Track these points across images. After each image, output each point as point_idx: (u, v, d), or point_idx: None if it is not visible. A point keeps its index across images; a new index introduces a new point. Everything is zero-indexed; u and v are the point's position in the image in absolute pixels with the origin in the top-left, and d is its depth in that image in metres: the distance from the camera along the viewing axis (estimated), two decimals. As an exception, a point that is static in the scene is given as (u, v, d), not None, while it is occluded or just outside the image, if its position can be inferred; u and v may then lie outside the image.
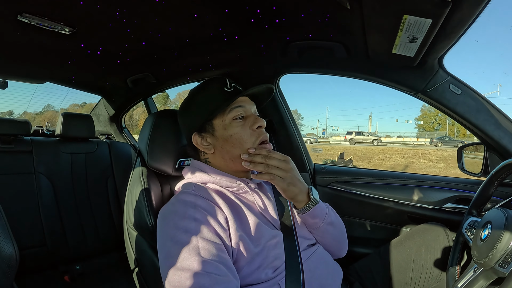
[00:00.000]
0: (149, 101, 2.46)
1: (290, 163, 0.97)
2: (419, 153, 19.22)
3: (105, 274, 2.11)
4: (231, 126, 0.99)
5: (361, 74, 1.41)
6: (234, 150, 0.99)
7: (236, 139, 0.99)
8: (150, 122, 1.23)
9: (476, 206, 1.12)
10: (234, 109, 1.00)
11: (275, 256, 0.93)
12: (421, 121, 53.75)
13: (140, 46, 1.37)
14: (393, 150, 20.50)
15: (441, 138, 32.72)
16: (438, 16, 0.79)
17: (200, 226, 0.84)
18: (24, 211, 2.00)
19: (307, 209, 1.00)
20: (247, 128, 1.00)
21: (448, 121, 45.42)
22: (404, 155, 17.57)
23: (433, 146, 29.45)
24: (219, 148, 1.02)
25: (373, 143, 30.46)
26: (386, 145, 29.71)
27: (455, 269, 1.07)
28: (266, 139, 1.02)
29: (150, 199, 1.14)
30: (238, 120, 1.00)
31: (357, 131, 33.45)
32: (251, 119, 1.01)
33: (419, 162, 15.34)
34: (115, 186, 2.39)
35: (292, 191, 0.97)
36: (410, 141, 36.64)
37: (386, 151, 19.96)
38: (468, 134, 34.19)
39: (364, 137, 31.74)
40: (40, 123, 32.38)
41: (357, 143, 30.17)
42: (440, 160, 16.08)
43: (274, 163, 0.94)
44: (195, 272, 0.74)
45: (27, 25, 1.10)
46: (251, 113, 1.04)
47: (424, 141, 34.23)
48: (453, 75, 1.22)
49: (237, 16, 1.10)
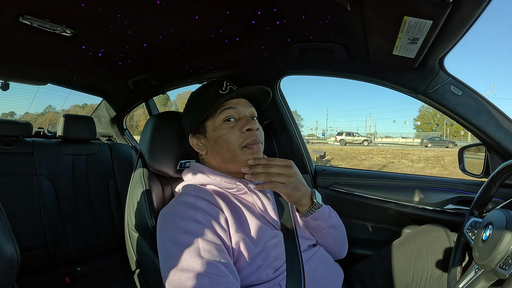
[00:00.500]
0: (150, 102, 2.45)
1: (293, 167, 0.96)
2: (404, 153, 19.32)
3: (106, 276, 2.11)
4: (220, 128, 1.00)
5: (362, 76, 1.41)
6: (223, 152, 1.00)
7: (223, 140, 0.99)
8: (151, 124, 1.24)
9: (477, 207, 1.12)
10: (224, 110, 1.00)
11: (275, 256, 0.93)
12: (418, 121, 53.98)
13: (141, 48, 1.37)
14: (378, 151, 20.57)
15: (431, 139, 32.98)
16: (439, 17, 0.79)
17: (200, 227, 0.84)
18: (25, 213, 2.00)
19: (310, 213, 1.00)
20: (236, 130, 0.99)
21: (447, 121, 45.65)
22: (387, 156, 17.64)
23: (423, 146, 29.72)
24: (210, 149, 1.04)
25: (363, 143, 30.75)
26: (376, 146, 29.97)
27: (456, 269, 1.07)
28: (254, 142, 1.00)
29: (151, 200, 1.14)
30: (228, 122, 1.00)
31: (348, 132, 33.76)
32: (242, 122, 1.01)
33: (399, 162, 15.39)
34: (116, 188, 2.40)
35: (296, 195, 0.96)
36: (403, 142, 36.93)
37: (371, 152, 20.03)
38: (469, 135, 34.30)
39: (354, 138, 32.00)
40: (41, 124, 32.42)
41: (347, 143, 30.47)
42: (421, 161, 16.13)
43: (276, 170, 0.93)
44: (196, 273, 0.74)
45: (28, 27, 1.11)
46: (244, 115, 1.02)
47: (419, 141, 34.46)
48: (454, 76, 1.22)
49: (238, 17, 1.11)
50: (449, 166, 13.78)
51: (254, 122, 1.02)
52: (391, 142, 38.31)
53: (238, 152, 0.99)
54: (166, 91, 2.12)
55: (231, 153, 0.99)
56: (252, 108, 1.06)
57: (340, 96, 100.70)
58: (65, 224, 2.12)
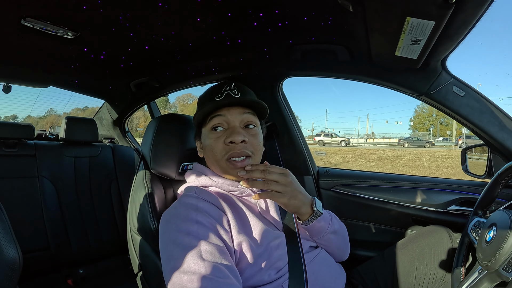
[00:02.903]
0: (152, 105, 2.46)
1: (290, 176, 0.93)
2: (369, 153, 19.46)
3: (108, 278, 2.10)
4: (208, 137, 0.99)
5: (364, 77, 1.41)
6: (210, 160, 1.02)
7: (209, 150, 0.99)
8: (154, 126, 1.24)
9: (481, 207, 1.11)
10: (212, 118, 0.98)
11: (277, 257, 0.93)
12: (412, 122, 54.32)
13: (143, 50, 1.37)
14: (343, 151, 20.75)
15: (408, 139, 33.72)
16: (441, 18, 0.79)
17: (202, 228, 0.84)
18: (27, 215, 2.00)
19: (311, 221, 0.98)
20: (221, 141, 0.96)
21: (443, 121, 45.81)
22: (346, 156, 17.63)
23: (401, 146, 30.44)
24: (206, 155, 1.04)
25: (340, 144, 31.41)
26: (351, 146, 30.58)
27: (460, 270, 1.06)
28: (236, 155, 0.95)
29: (154, 203, 1.14)
30: (214, 131, 0.98)
31: (326, 133, 34.53)
32: (227, 132, 0.96)
33: (354, 162, 15.37)
34: (119, 190, 2.40)
35: (294, 204, 0.93)
36: (386, 142, 37.46)
37: (336, 152, 20.15)
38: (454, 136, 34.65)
39: (332, 139, 32.73)
40: (43, 127, 32.57)
41: (326, 144, 30.99)
42: (378, 160, 16.17)
43: (274, 177, 0.90)
44: (197, 275, 0.74)
45: (30, 29, 1.11)
46: (233, 124, 0.97)
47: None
48: (456, 76, 1.22)
49: (240, 19, 1.11)
50: (400, 166, 13.82)
51: (239, 133, 0.94)
52: (372, 143, 39.01)
53: (224, 165, 0.97)
54: (168, 93, 2.12)
55: (218, 164, 0.98)
56: (248, 115, 1.00)
57: (340, 96, 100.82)
58: (67, 227, 2.12)
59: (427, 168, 13.06)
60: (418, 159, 16.33)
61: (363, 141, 42.34)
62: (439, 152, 20.63)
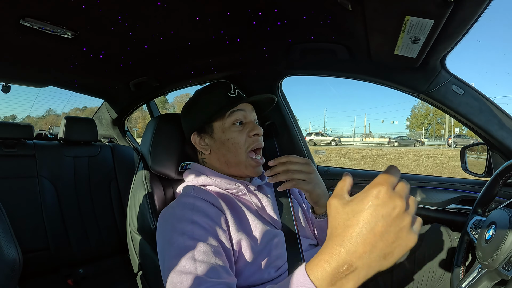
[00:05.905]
0: (151, 104, 2.46)
1: (312, 165, 0.98)
2: (354, 152, 19.55)
3: (108, 278, 2.10)
4: (230, 131, 1.03)
5: (363, 76, 1.41)
6: (229, 154, 1.03)
7: (232, 143, 1.02)
8: (153, 126, 1.24)
9: (481, 205, 1.11)
10: (234, 113, 1.03)
11: (277, 255, 0.93)
12: (408, 122, 54.58)
13: (142, 49, 1.37)
14: (329, 150, 20.75)
15: (398, 138, 34.19)
16: (440, 17, 0.79)
17: (197, 228, 0.83)
18: (27, 215, 2.00)
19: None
20: (244, 134, 1.03)
21: (439, 121, 45.93)
22: (330, 155, 17.68)
23: (390, 145, 30.91)
24: (216, 150, 1.05)
25: (331, 143, 31.81)
26: (342, 145, 30.86)
27: (459, 269, 1.07)
28: (259, 147, 1.06)
29: (153, 203, 1.14)
30: (237, 125, 1.03)
31: (316, 133, 34.76)
32: (249, 126, 1.05)
33: (337, 161, 15.44)
34: (118, 190, 2.40)
35: (317, 192, 0.98)
36: (380, 141, 37.85)
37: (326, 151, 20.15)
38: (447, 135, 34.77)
39: (323, 138, 33.04)
40: (42, 127, 32.58)
41: (316, 143, 31.23)
42: (361, 159, 16.34)
43: (296, 167, 0.95)
44: (192, 275, 0.73)
45: (29, 29, 1.11)
46: (250, 119, 1.07)
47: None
48: (456, 75, 1.22)
49: (239, 18, 1.11)
50: (379, 164, 13.95)
51: (259, 127, 1.05)
52: (367, 142, 39.44)
53: (243, 157, 1.02)
54: (167, 92, 2.12)
55: (237, 157, 1.02)
56: (254, 112, 1.10)
57: (340, 96, 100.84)
58: (67, 226, 2.12)
59: (406, 167, 13.23)
60: (401, 158, 16.50)
61: (359, 140, 42.72)
62: (425, 151, 20.70)
